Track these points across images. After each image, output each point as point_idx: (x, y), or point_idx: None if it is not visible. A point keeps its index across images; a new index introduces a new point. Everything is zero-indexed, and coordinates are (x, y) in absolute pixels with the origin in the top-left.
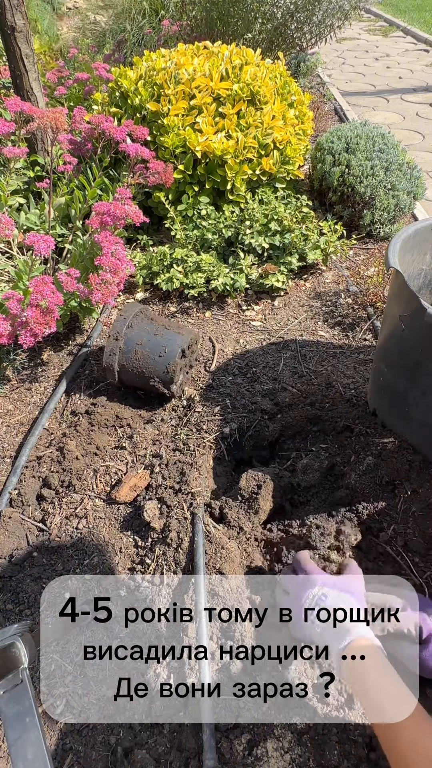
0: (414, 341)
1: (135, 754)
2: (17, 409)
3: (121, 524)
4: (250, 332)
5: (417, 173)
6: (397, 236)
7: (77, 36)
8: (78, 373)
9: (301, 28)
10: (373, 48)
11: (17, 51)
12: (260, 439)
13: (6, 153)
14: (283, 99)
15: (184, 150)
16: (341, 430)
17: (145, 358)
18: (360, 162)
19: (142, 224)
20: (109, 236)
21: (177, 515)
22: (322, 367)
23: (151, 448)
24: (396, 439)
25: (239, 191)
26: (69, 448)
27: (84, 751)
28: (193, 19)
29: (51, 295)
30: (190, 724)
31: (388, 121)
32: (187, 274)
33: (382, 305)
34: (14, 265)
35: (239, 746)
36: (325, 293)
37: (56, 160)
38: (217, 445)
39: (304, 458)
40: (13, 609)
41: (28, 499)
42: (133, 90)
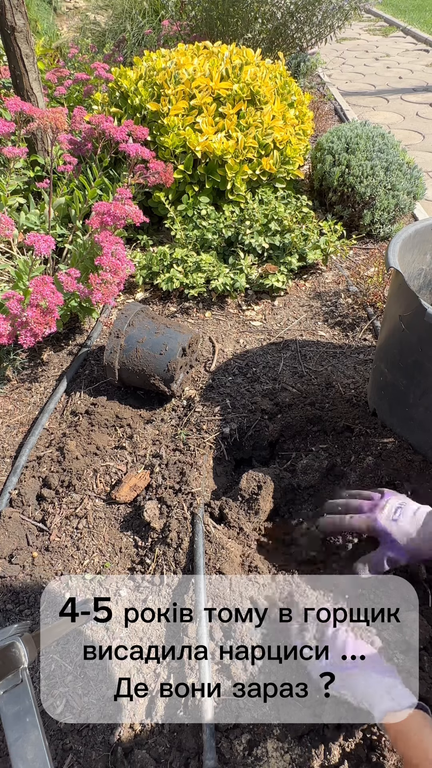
0: (414, 341)
1: (135, 754)
2: (17, 409)
3: (121, 524)
4: (250, 332)
5: (417, 173)
6: (397, 236)
7: (77, 36)
8: (78, 373)
9: (301, 29)
10: (373, 48)
11: (17, 51)
12: (260, 439)
13: (6, 153)
14: (283, 99)
15: (184, 150)
16: (341, 430)
17: (145, 356)
18: (360, 162)
19: (142, 224)
20: (109, 236)
21: (177, 515)
22: (322, 367)
23: (151, 448)
24: (396, 439)
25: (239, 191)
26: (69, 448)
27: (84, 751)
28: (193, 19)
29: (51, 295)
30: (190, 724)
31: (388, 121)
32: (187, 274)
33: (382, 305)
34: (14, 265)
35: (239, 746)
36: (325, 293)
37: (56, 160)
38: (217, 445)
39: (304, 458)
40: (13, 609)
41: (28, 499)
42: (133, 90)
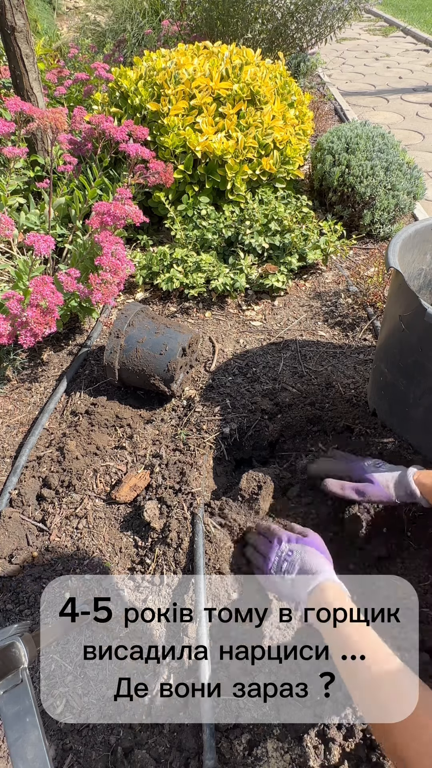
0: (414, 341)
1: (135, 754)
2: (17, 409)
3: (121, 524)
4: (250, 332)
5: (417, 173)
6: (397, 236)
7: (77, 36)
8: (78, 373)
9: (301, 29)
10: (373, 48)
11: (17, 51)
12: (260, 439)
13: (6, 153)
14: (283, 99)
15: (184, 150)
16: (341, 430)
17: (145, 356)
18: (360, 162)
19: (142, 224)
20: (109, 236)
21: (177, 515)
22: (322, 367)
23: (151, 448)
24: (396, 439)
25: (239, 191)
26: (69, 448)
27: (84, 751)
28: (193, 19)
29: (51, 295)
30: (190, 724)
31: (388, 121)
32: (187, 274)
33: (382, 305)
34: (14, 265)
35: (239, 746)
36: (325, 293)
37: (56, 160)
38: (217, 445)
39: (304, 458)
40: (13, 609)
41: (28, 499)
42: (133, 90)
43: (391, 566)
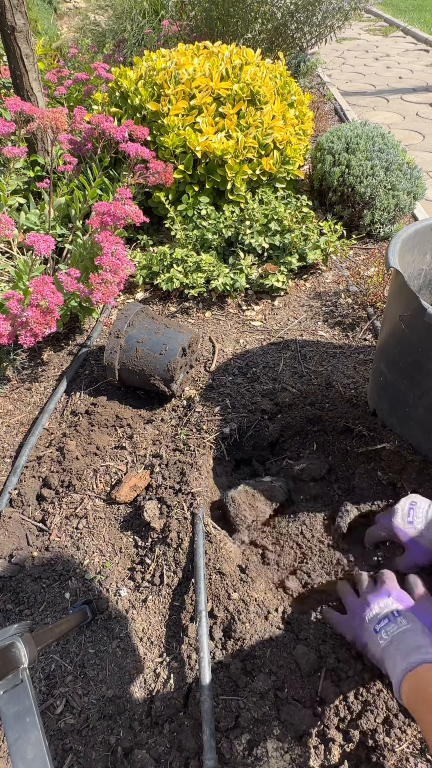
0: (414, 341)
1: (135, 754)
2: (17, 409)
3: (121, 524)
4: (250, 332)
5: (417, 173)
6: (397, 236)
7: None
8: (78, 373)
9: (301, 29)
10: (373, 48)
11: (17, 51)
12: (260, 439)
13: (6, 153)
14: (283, 99)
15: (184, 150)
16: (341, 430)
17: (145, 356)
18: (360, 162)
19: (142, 224)
20: (109, 236)
21: (177, 515)
22: (322, 367)
23: (151, 448)
24: (396, 439)
25: (239, 191)
26: (69, 448)
27: (84, 751)
28: (193, 19)
29: (51, 295)
30: (190, 724)
31: (388, 121)
32: (187, 274)
33: (382, 305)
34: (14, 265)
35: (239, 746)
36: (325, 293)
37: (56, 160)
38: (217, 445)
39: (304, 459)
40: (13, 609)
41: (28, 499)
42: (133, 90)
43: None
